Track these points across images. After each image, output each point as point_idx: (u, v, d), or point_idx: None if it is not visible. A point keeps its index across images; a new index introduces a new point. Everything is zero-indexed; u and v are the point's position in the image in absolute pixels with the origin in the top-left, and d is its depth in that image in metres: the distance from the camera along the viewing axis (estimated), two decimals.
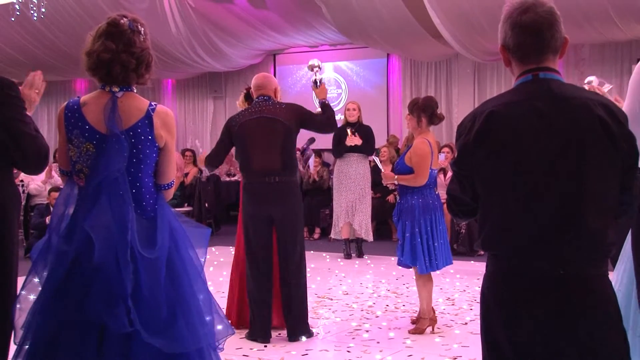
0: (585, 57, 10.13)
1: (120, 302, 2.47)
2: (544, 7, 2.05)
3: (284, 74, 12.91)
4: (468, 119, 2.13)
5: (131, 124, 2.63)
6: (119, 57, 2.64)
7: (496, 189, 2.06)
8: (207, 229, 3.01)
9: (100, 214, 2.56)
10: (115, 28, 2.67)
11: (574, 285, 1.98)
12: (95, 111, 2.65)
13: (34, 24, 9.81)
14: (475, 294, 6.14)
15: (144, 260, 2.54)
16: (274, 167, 4.71)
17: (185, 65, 12.21)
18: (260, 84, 4.91)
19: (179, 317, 2.57)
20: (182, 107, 14.18)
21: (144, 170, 2.66)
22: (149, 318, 2.51)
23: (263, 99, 4.85)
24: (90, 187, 2.62)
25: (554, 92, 2.03)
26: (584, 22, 8.34)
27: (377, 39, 10.22)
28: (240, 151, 4.85)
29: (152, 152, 2.67)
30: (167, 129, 2.69)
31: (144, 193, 2.66)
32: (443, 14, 8.69)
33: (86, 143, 2.64)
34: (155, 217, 2.66)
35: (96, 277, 2.50)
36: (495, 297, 2.08)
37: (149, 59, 2.72)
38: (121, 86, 2.69)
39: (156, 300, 2.54)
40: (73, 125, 2.66)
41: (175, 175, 2.79)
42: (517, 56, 2.09)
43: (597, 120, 1.98)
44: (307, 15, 10.59)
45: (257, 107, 4.83)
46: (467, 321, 5.29)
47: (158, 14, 10.46)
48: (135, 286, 2.51)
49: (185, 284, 2.64)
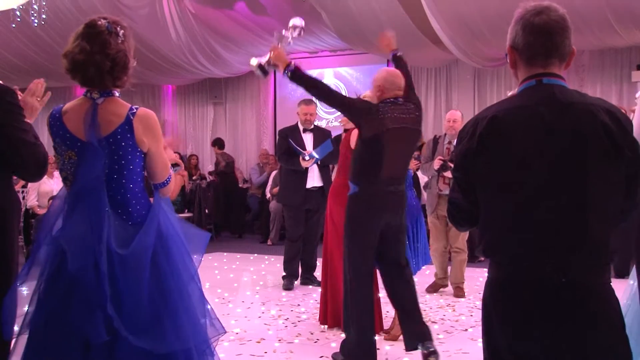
0: (585, 63, 10.15)
1: (98, 312, 2.45)
2: (557, 12, 2.06)
3: (284, 80, 12.85)
4: (470, 124, 2.12)
5: (110, 130, 2.60)
6: (92, 58, 2.61)
7: (497, 195, 2.05)
8: (206, 233, 2.99)
9: (76, 223, 2.55)
10: (92, 29, 2.65)
11: (576, 293, 1.96)
12: (76, 119, 2.64)
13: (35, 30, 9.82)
14: (475, 300, 6.13)
15: (121, 261, 2.51)
16: (398, 176, 4.42)
17: (185, 71, 12.22)
18: (398, 84, 4.36)
19: (164, 317, 2.55)
20: (182, 113, 14.19)
21: (127, 177, 2.62)
22: (131, 319, 2.49)
23: (404, 104, 4.34)
24: (69, 196, 2.62)
25: (557, 98, 2.02)
26: (583, 28, 8.34)
27: (377, 45, 10.20)
28: (369, 156, 4.29)
29: (134, 158, 2.63)
30: (149, 133, 2.64)
31: (129, 199, 2.63)
32: (443, 20, 8.70)
33: (68, 151, 2.64)
34: (143, 223, 2.62)
35: (75, 288, 2.49)
36: (496, 305, 2.06)
37: (125, 61, 2.67)
38: (102, 92, 2.66)
39: (137, 300, 2.51)
40: (55, 133, 2.67)
41: (168, 173, 2.75)
42: (525, 57, 2.09)
43: (601, 126, 1.97)
44: (306, 21, 10.54)
45: (399, 112, 4.28)
46: (467, 327, 5.27)
47: (158, 20, 10.47)
48: (114, 290, 2.49)
49: (172, 286, 2.61)
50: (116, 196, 2.61)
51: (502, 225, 2.04)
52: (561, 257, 1.96)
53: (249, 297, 6.56)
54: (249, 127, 13.45)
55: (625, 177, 2.01)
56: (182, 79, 13.21)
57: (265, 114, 13.28)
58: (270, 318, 5.67)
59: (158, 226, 2.65)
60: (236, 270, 8.17)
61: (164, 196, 2.75)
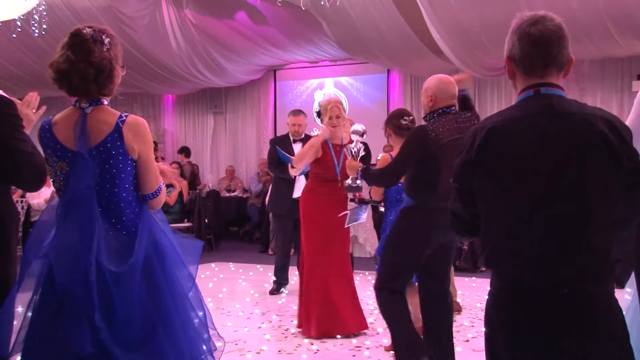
0: (585, 73, 10.16)
1: (83, 322, 2.43)
2: (553, 21, 2.06)
3: (284, 90, 12.94)
4: (469, 135, 2.12)
5: (100, 139, 2.59)
6: (76, 67, 2.61)
7: (497, 206, 2.05)
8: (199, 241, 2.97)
9: (65, 234, 2.54)
10: (77, 38, 2.65)
11: (579, 304, 1.95)
12: (66, 129, 2.64)
13: (35, 40, 9.83)
14: (477, 311, 6.11)
15: (114, 275, 2.49)
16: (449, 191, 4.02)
17: (185, 81, 12.25)
18: (452, 92, 4.10)
19: (159, 331, 2.53)
20: (182, 123, 14.21)
21: (120, 185, 2.62)
22: (123, 335, 2.47)
23: (457, 113, 4.10)
24: (59, 207, 2.62)
25: (555, 108, 2.02)
26: (583, 38, 8.36)
27: (377, 54, 10.25)
28: (425, 172, 4.01)
29: (126, 166, 2.62)
30: (140, 140, 2.63)
31: (123, 208, 2.63)
32: (443, 30, 8.72)
33: (59, 162, 2.64)
34: (136, 232, 2.61)
35: (65, 302, 2.47)
36: (499, 317, 2.05)
37: (111, 69, 2.66)
38: (90, 101, 2.66)
39: (130, 315, 2.50)
40: (46, 145, 2.67)
41: (158, 183, 2.73)
42: (523, 67, 2.09)
43: (599, 136, 1.97)
44: (307, 30, 10.63)
45: (452, 123, 4.01)
46: (468, 338, 5.25)
47: (158, 30, 10.50)
48: (107, 304, 2.47)
49: (167, 299, 2.59)
50: (109, 205, 2.61)
51: (502, 236, 2.04)
52: (563, 268, 1.96)
53: (249, 308, 6.54)
54: (249, 136, 13.48)
55: (625, 186, 2.00)
56: (182, 89, 13.24)
57: (265, 124, 13.30)
58: (270, 328, 5.65)
59: (152, 237, 2.64)
60: (236, 280, 8.15)
61: (153, 209, 2.73)
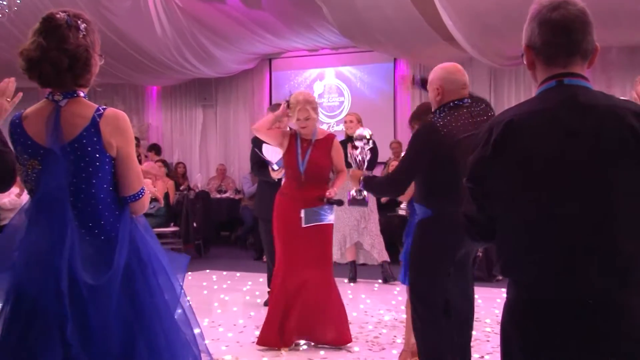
0: (613, 61, 10.15)
1: (55, 340, 2.42)
2: (576, 5, 2.06)
3: (280, 81, 12.95)
4: (484, 130, 2.12)
5: (75, 135, 2.57)
6: (48, 55, 2.58)
7: (515, 208, 2.05)
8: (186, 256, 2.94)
9: (35, 238, 2.52)
10: (49, 23, 2.62)
11: (605, 317, 1.95)
12: (37, 124, 2.62)
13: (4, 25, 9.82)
14: (493, 322, 6.12)
15: (90, 288, 2.48)
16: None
17: (171, 71, 12.24)
18: (462, 81, 3.94)
19: (139, 341, 2.53)
20: (168, 117, 14.20)
21: (97, 185, 2.59)
22: (99, 351, 2.47)
23: (471, 105, 3.96)
24: (29, 209, 2.60)
25: (580, 100, 2.02)
26: (610, 22, 8.35)
27: (383, 41, 10.24)
28: (439, 175, 3.89)
29: (104, 164, 2.59)
30: (119, 135, 2.61)
31: (101, 210, 2.60)
32: (456, 15, 8.72)
33: (31, 160, 2.61)
34: (116, 236, 2.59)
35: (36, 312, 2.47)
36: (517, 330, 2.05)
37: (87, 57, 2.64)
38: (65, 93, 2.64)
39: (107, 330, 2.49)
40: (16, 141, 2.64)
41: (141, 184, 2.70)
42: (544, 57, 2.09)
43: (628, 130, 1.97)
44: (306, 16, 10.62)
45: (466, 116, 3.89)
46: (483, 354, 5.26)
47: (142, 14, 10.48)
48: (81, 318, 2.46)
49: (149, 307, 2.59)
50: (86, 208, 2.58)
51: (520, 241, 2.04)
52: (586, 276, 1.95)
53: (241, 320, 6.54)
54: (242, 132, 13.41)
55: None
56: (168, 79, 13.23)
57: (259, 118, 13.29)
58: None
59: (133, 243, 2.62)
60: (227, 290, 8.15)
61: (135, 214, 2.70)
